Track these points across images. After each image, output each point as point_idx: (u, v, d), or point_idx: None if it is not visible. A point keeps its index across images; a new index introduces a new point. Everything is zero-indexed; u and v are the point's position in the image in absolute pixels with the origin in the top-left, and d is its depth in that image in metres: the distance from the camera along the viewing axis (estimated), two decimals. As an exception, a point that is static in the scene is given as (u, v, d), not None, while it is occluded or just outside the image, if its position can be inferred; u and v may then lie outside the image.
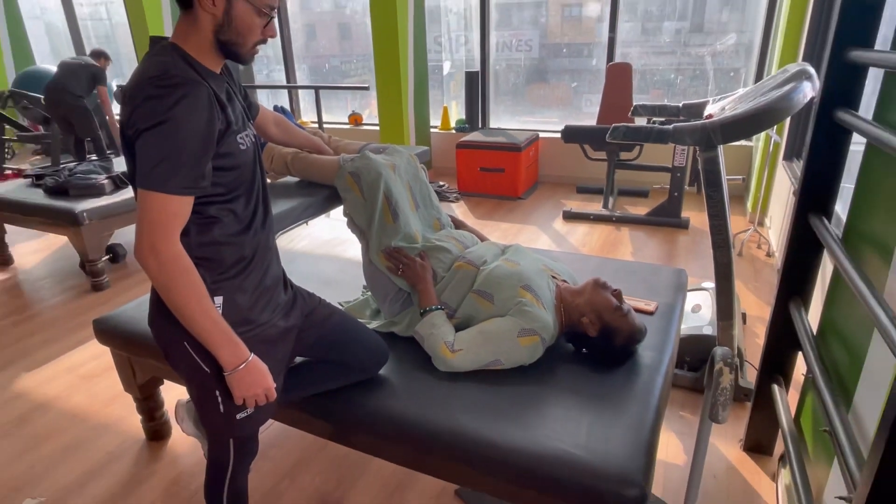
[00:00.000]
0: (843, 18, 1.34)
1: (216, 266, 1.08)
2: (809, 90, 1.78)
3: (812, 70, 1.82)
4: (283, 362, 1.25)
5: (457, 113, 5.67)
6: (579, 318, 1.49)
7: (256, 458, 1.32)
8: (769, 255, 3.31)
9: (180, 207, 0.98)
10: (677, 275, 2.02)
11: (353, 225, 1.67)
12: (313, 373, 1.39)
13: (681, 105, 2.49)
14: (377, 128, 5.54)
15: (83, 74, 4.60)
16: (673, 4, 5.03)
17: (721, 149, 1.87)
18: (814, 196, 1.49)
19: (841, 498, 1.10)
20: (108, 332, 1.79)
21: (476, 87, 5.25)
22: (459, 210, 4.44)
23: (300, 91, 6.25)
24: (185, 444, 1.97)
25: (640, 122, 4.15)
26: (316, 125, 5.32)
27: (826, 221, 1.45)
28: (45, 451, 1.95)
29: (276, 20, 1.08)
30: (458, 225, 1.88)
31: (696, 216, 4.00)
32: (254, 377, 1.08)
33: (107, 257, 3.25)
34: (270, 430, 1.96)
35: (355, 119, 5.87)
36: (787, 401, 1.62)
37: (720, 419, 0.79)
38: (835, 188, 1.47)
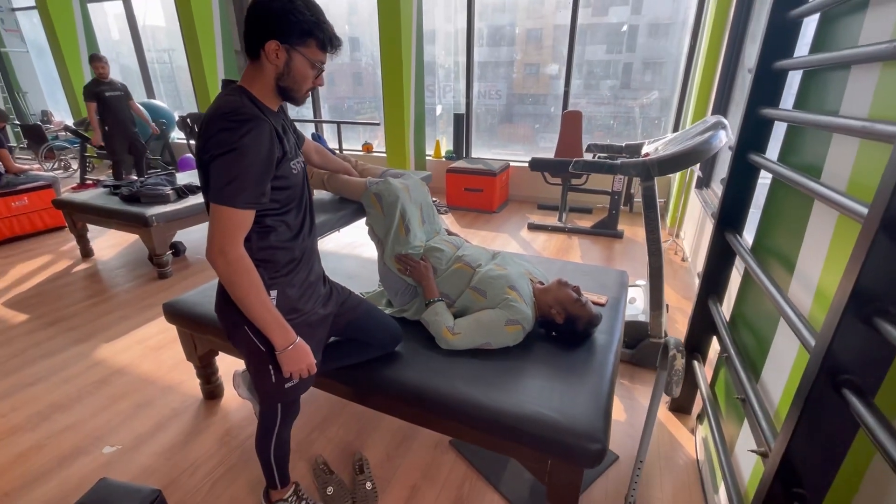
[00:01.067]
0: (757, 84, 1.34)
1: (272, 266, 1.04)
2: (724, 137, 1.80)
3: (726, 121, 1.84)
4: (321, 342, 1.21)
5: (446, 145, 5.63)
6: (549, 310, 1.47)
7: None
8: (684, 259, 3.34)
9: (244, 219, 0.94)
10: (620, 275, 2.01)
11: (373, 234, 1.64)
12: (343, 350, 1.35)
13: (623, 145, 2.51)
14: (384, 154, 5.48)
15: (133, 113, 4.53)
16: (608, 68, 5.09)
17: (655, 179, 1.88)
18: (729, 217, 1.50)
19: (753, 451, 1.10)
20: (175, 313, 1.72)
21: (461, 125, 5.22)
22: (448, 220, 4.41)
23: (324, 125, 6.14)
24: (235, 403, 1.90)
25: (588, 156, 4.18)
26: (338, 151, 5.23)
27: (738, 237, 1.46)
28: (121, 407, 1.88)
29: (324, 73, 1.05)
30: (451, 233, 1.85)
31: (629, 229, 4.03)
32: (299, 355, 1.04)
33: (170, 252, 3.14)
34: (306, 392, 1.91)
35: (367, 147, 5.78)
36: (704, 374, 1.63)
37: (674, 393, 0.78)
38: (745, 211, 1.48)
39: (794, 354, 1.04)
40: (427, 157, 5.38)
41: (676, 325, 2.48)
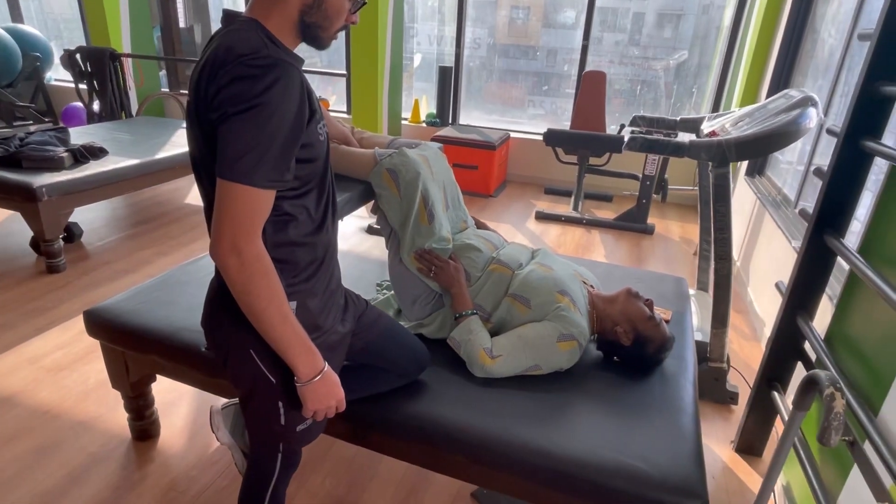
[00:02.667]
0: (878, 53, 1.39)
1: (291, 269, 0.98)
2: (815, 116, 1.86)
3: (816, 98, 1.91)
4: (338, 370, 1.16)
5: (427, 107, 5.57)
6: (613, 327, 1.48)
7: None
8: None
9: (265, 202, 0.87)
10: (678, 283, 2.06)
11: (385, 223, 1.58)
12: (356, 379, 1.30)
13: (678, 119, 2.56)
14: (346, 115, 5.37)
15: None
16: (615, 17, 5.20)
17: (730, 165, 1.92)
18: (831, 216, 1.55)
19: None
20: (101, 324, 1.60)
21: (448, 82, 5.18)
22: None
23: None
24: (176, 444, 1.81)
25: (618, 130, 4.25)
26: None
27: (842, 241, 1.52)
28: (15, 452, 1.73)
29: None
30: (480, 226, 1.83)
31: (660, 223, 4.15)
32: (328, 388, 0.99)
33: (62, 237, 2.94)
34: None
35: (322, 104, 5.63)
36: (790, 408, 1.69)
37: (833, 443, 0.79)
38: (852, 209, 1.54)
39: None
40: (403, 122, 5.31)
41: (731, 345, 2.57)
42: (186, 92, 5.97)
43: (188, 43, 6.02)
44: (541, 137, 4.00)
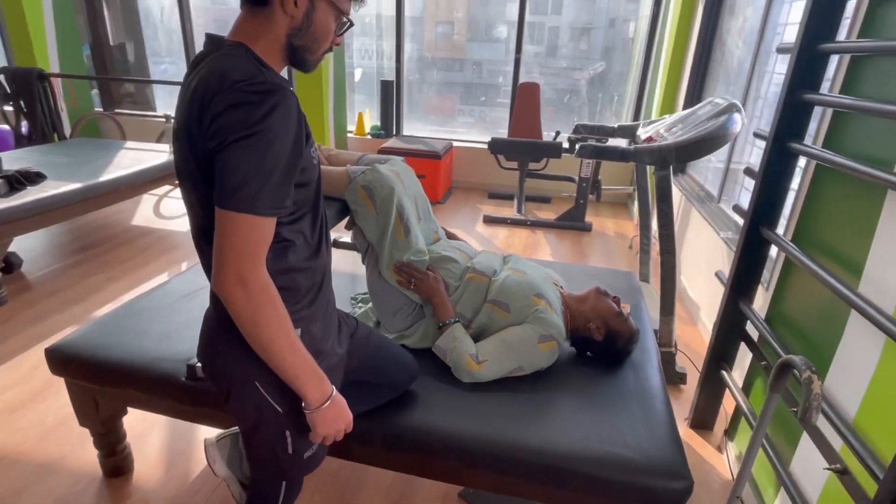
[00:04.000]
0: (798, 66, 1.49)
1: (293, 296, 0.92)
2: (740, 121, 1.98)
3: (740, 105, 2.02)
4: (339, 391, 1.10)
5: (370, 119, 5.49)
6: (585, 324, 1.50)
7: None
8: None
9: (268, 230, 0.81)
10: (629, 277, 2.13)
11: (361, 238, 1.53)
12: (354, 397, 1.24)
13: (616, 126, 2.65)
14: None
15: None
16: (532, 31, 5.38)
17: (670, 168, 2.00)
18: (764, 210, 1.65)
19: (831, 469, 1.23)
20: (67, 360, 1.45)
21: (391, 95, 5.13)
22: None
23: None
24: (152, 476, 1.67)
25: (554, 136, 4.35)
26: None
27: (775, 233, 1.62)
28: (-27, 505, 1.54)
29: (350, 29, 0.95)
30: (450, 236, 1.81)
31: (596, 220, 4.29)
32: (337, 412, 0.93)
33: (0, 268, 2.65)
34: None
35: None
36: (738, 385, 1.79)
37: (814, 421, 0.84)
38: (782, 204, 1.64)
39: (875, 357, 1.17)
40: (348, 135, 5.20)
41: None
42: (123, 111, 5.55)
43: (120, 61, 5.62)
44: (480, 145, 4.04)
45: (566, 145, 3.68)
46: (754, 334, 1.74)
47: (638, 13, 4.99)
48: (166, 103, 5.79)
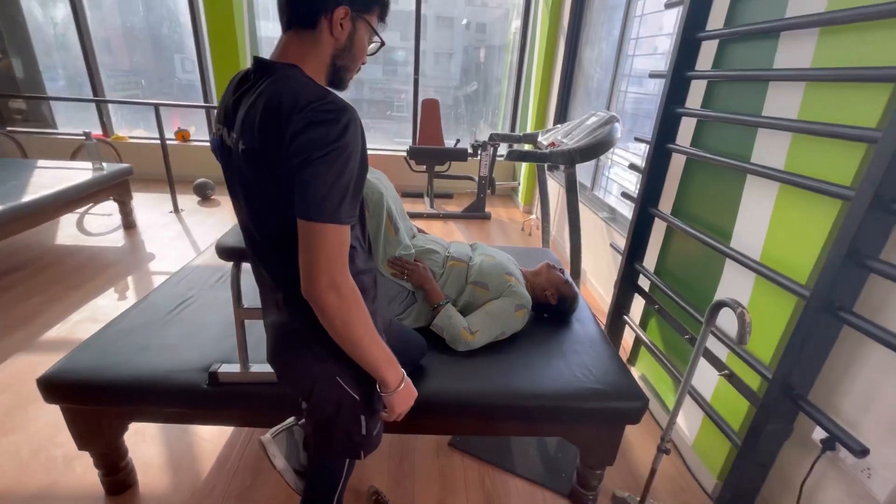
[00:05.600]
0: (671, 88, 1.69)
1: (364, 295, 0.86)
2: (620, 129, 2.20)
3: (618, 117, 2.24)
4: None
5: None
6: (542, 293, 1.59)
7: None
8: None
9: (348, 237, 0.76)
10: (546, 253, 2.27)
11: (356, 238, 1.45)
12: None
13: (522, 134, 2.78)
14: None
15: None
16: (408, 55, 5.47)
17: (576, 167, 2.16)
18: (650, 194, 1.87)
19: (722, 374, 1.46)
20: (65, 387, 1.19)
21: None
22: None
23: (111, 106, 4.78)
24: (160, 485, 1.44)
25: (455, 143, 4.41)
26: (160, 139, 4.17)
27: (659, 210, 1.84)
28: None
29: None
30: (421, 231, 1.78)
31: (493, 210, 4.47)
32: (409, 391, 0.90)
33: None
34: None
35: (183, 135, 4.78)
36: (635, 324, 2.02)
37: (746, 342, 0.99)
38: (661, 189, 1.87)
39: (749, 290, 1.41)
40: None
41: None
42: (18, 129, 4.53)
43: (8, 79, 4.54)
44: (389, 152, 3.98)
45: (470, 151, 3.78)
46: (646, 285, 1.98)
47: (485, 41, 5.30)
48: (68, 119, 4.83)
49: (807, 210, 1.22)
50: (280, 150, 0.70)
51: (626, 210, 2.69)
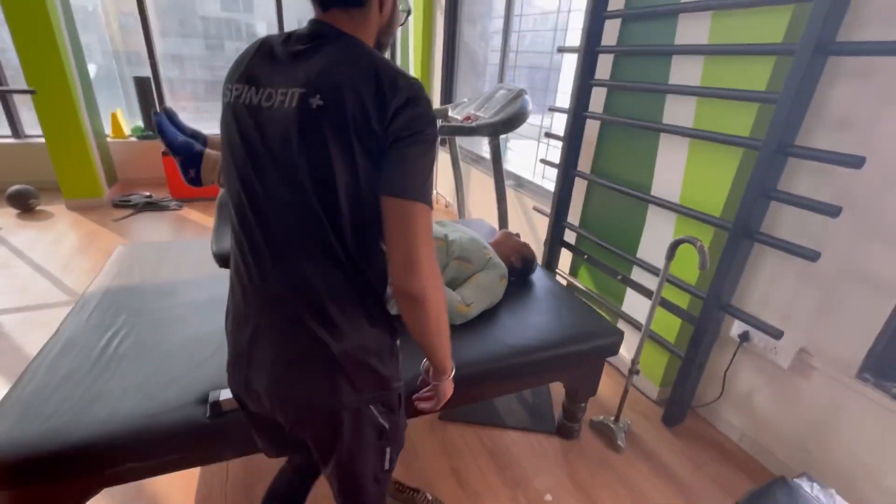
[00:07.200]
0: (584, 62, 1.89)
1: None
2: (529, 102, 2.37)
3: (526, 91, 2.41)
4: None
5: (128, 120, 4.20)
6: (508, 259, 1.68)
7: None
8: (447, 206, 4.04)
9: None
10: (485, 223, 2.37)
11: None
12: None
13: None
14: (41, 139, 3.57)
15: None
16: (230, 27, 4.94)
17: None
18: (572, 159, 2.08)
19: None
20: (15, 464, 0.88)
21: (149, 93, 4.01)
22: (187, 216, 3.49)
23: None
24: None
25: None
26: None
27: (578, 171, 2.07)
28: None
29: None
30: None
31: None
32: (451, 378, 0.86)
33: None
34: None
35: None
36: (566, 275, 2.27)
37: (706, 269, 1.22)
38: (578, 153, 2.09)
39: (671, 228, 1.70)
40: (107, 139, 3.90)
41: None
42: None
43: None
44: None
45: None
46: (571, 239, 2.22)
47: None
48: None
49: (715, 159, 1.52)
50: (379, 117, 0.63)
51: (529, 175, 2.94)
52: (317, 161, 0.64)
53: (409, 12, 0.82)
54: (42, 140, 3.67)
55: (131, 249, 1.77)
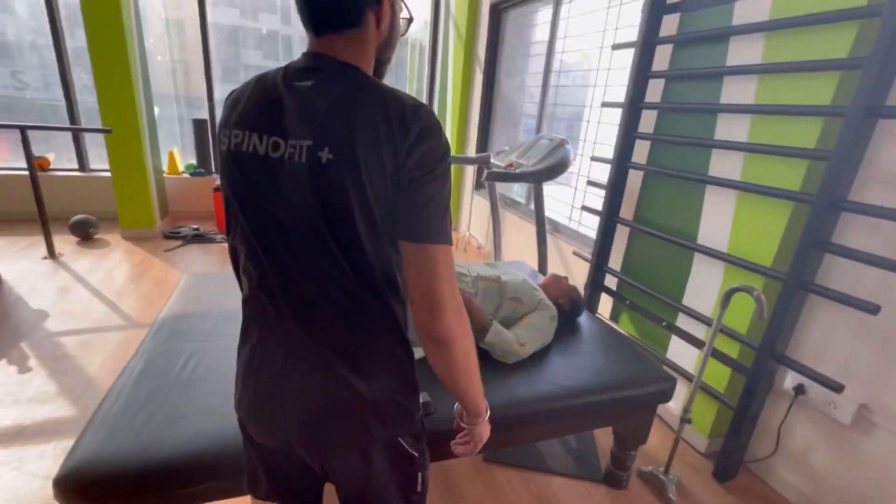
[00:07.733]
0: (628, 117, 1.99)
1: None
2: (571, 152, 2.47)
3: (568, 140, 2.52)
4: None
5: (183, 158, 4.50)
6: (556, 301, 1.72)
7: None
8: (479, 248, 4.11)
9: None
10: (522, 264, 2.43)
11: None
12: None
13: (475, 157, 2.90)
14: (107, 173, 3.84)
15: None
16: None
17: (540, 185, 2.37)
18: (615, 207, 2.15)
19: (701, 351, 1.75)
20: (97, 486, 0.93)
21: (206, 134, 4.32)
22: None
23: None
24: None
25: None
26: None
27: (621, 218, 2.13)
28: None
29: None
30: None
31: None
32: (487, 419, 0.84)
33: None
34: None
35: (42, 163, 3.88)
36: (606, 319, 2.27)
37: (764, 317, 1.24)
38: (621, 202, 2.16)
39: (720, 277, 1.72)
40: (163, 175, 4.16)
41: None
42: None
43: None
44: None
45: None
46: (613, 284, 2.25)
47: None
48: None
49: (765, 210, 1.56)
50: (394, 162, 0.60)
51: (565, 220, 3.00)
52: (335, 213, 0.62)
53: (410, 20, 0.76)
54: (104, 174, 3.95)
55: (196, 278, 1.87)
